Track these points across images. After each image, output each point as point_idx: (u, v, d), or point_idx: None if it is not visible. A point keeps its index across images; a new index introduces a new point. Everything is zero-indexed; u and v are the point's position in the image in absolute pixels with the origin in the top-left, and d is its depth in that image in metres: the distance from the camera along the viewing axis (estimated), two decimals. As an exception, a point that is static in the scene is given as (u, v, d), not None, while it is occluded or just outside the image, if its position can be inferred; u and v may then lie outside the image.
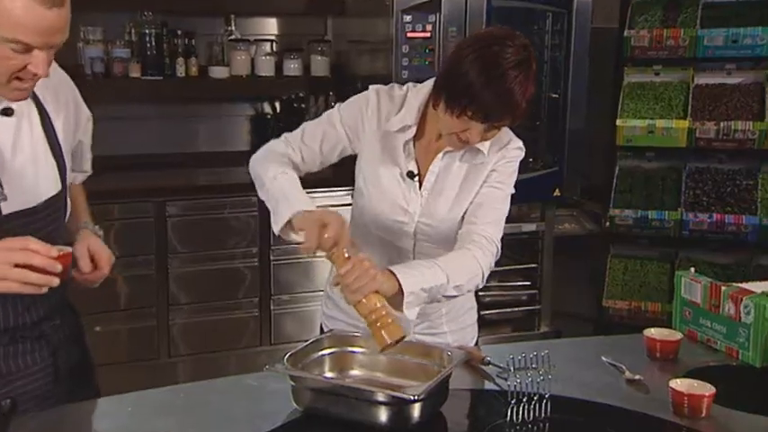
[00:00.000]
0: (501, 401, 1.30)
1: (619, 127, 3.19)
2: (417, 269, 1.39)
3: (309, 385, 1.25)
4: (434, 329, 1.62)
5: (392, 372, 1.35)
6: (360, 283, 1.29)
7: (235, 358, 3.06)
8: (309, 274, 3.14)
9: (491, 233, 1.48)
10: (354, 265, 1.31)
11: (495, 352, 1.50)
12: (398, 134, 1.51)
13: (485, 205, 1.49)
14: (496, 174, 1.51)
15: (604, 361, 1.51)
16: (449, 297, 1.42)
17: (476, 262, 1.43)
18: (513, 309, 3.24)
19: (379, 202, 1.52)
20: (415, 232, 1.53)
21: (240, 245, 3.02)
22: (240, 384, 1.39)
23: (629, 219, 3.20)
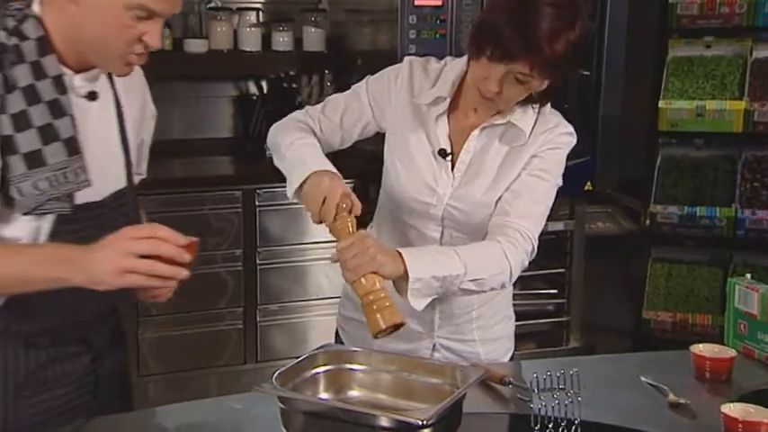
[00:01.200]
0: (523, 428, 1.31)
1: (662, 109, 3.19)
2: (430, 254, 1.41)
3: (302, 408, 1.25)
4: (462, 336, 1.63)
5: (397, 392, 1.36)
6: (357, 261, 1.32)
7: (215, 378, 3.07)
8: (302, 281, 3.15)
9: (526, 227, 1.48)
10: (355, 241, 1.33)
11: (517, 370, 1.52)
12: (431, 108, 1.54)
13: (523, 195, 1.50)
14: (539, 160, 1.52)
15: (644, 382, 1.51)
16: (467, 291, 1.43)
17: (503, 257, 1.44)
18: (537, 320, 3.25)
19: (407, 180, 1.55)
20: (442, 217, 1.54)
21: (221, 246, 3.04)
22: (222, 407, 1.40)
23: (673, 216, 3.19)
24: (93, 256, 1.14)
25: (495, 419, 1.41)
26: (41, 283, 1.17)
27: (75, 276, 1.14)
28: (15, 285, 1.18)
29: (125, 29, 1.20)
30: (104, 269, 1.12)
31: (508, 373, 1.48)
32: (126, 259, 1.12)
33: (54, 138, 1.22)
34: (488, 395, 1.45)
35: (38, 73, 1.22)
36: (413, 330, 1.61)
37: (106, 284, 1.13)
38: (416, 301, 1.38)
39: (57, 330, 1.31)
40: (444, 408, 1.20)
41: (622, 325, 3.41)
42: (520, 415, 1.38)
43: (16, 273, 1.16)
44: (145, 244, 1.13)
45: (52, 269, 1.15)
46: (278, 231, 3.11)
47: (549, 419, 1.28)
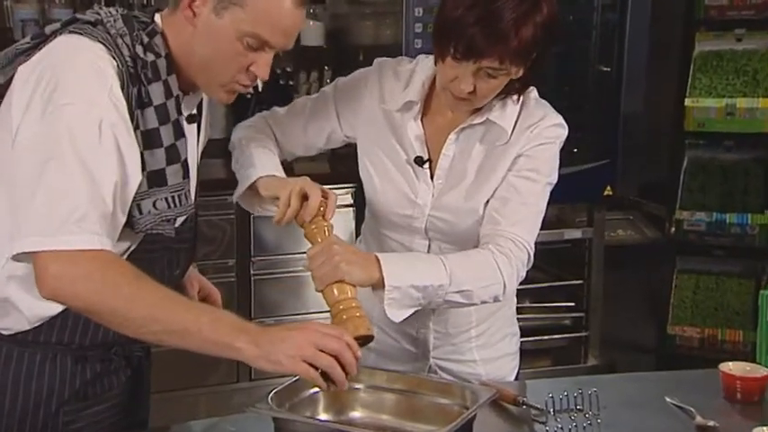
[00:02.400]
0: (539, 452, 1.31)
1: (688, 108, 3.19)
2: (411, 261, 1.42)
3: (299, 430, 1.26)
4: (460, 356, 1.63)
5: (402, 413, 1.36)
6: (324, 270, 1.33)
7: (205, 398, 3.07)
8: (300, 293, 3.15)
9: (519, 235, 1.47)
10: (322, 248, 1.35)
11: (531, 389, 1.51)
12: (403, 113, 1.53)
13: (512, 200, 1.49)
14: (526, 159, 1.50)
15: (669, 403, 1.51)
16: (454, 304, 1.43)
17: (495, 268, 1.43)
18: (552, 336, 3.24)
19: (384, 193, 1.55)
20: (426, 229, 1.54)
21: (213, 255, 3.04)
22: (214, 429, 1.41)
23: (700, 224, 3.19)
24: (277, 334, 1.20)
25: (508, 443, 1.41)
26: (205, 343, 1.18)
27: (247, 347, 1.17)
28: (174, 336, 1.19)
29: (236, 56, 1.26)
30: (286, 351, 1.18)
31: (521, 393, 1.48)
32: (310, 348, 1.18)
33: (176, 159, 1.29)
34: (500, 416, 1.45)
35: (168, 92, 1.28)
36: (406, 351, 1.61)
37: (280, 365, 1.18)
38: (394, 312, 1.38)
39: (107, 345, 1.35)
40: (453, 430, 1.21)
41: (645, 341, 3.40)
42: (534, 438, 1.38)
43: (181, 324, 1.18)
44: (334, 342, 1.20)
45: (224, 333, 1.18)
46: (274, 239, 3.11)
47: (565, 443, 1.27)
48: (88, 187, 1.17)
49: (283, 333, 1.20)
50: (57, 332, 1.30)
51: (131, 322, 1.18)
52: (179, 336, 1.18)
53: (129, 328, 1.18)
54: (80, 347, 1.32)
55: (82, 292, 1.16)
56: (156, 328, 1.18)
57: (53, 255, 1.15)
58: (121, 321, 1.18)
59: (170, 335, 1.18)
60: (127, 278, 1.18)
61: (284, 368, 1.18)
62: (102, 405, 1.37)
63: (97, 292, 1.16)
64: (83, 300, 1.17)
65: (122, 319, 1.17)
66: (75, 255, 1.16)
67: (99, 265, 1.17)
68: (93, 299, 1.17)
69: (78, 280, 1.16)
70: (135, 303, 1.17)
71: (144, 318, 1.17)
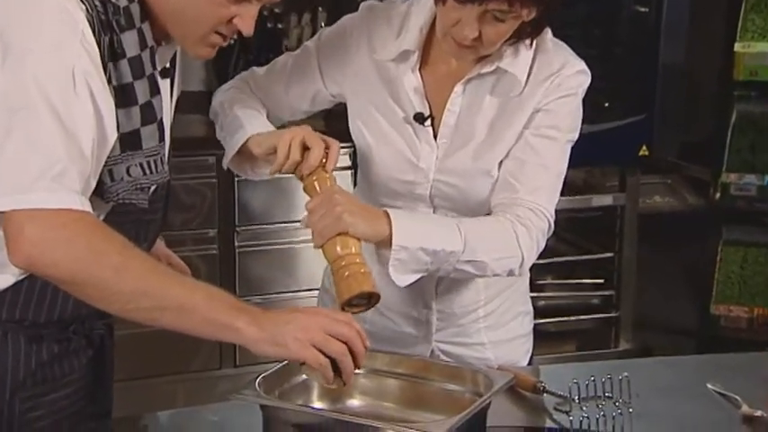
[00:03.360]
0: (561, 444, 1.32)
1: (737, 54, 3.17)
2: (424, 221, 1.43)
3: (291, 419, 1.26)
4: (466, 339, 1.64)
5: (407, 401, 1.37)
6: (324, 222, 1.35)
7: (184, 386, 3.10)
8: (290, 267, 3.17)
9: (539, 203, 1.48)
10: (322, 199, 1.36)
11: (553, 375, 1.52)
12: (398, 65, 1.53)
13: (529, 163, 1.50)
14: (545, 115, 1.50)
15: (711, 390, 1.52)
16: (464, 273, 1.44)
17: (513, 239, 1.45)
18: (579, 317, 3.26)
19: (382, 157, 1.55)
20: (431, 196, 1.54)
21: (191, 224, 3.05)
22: (194, 419, 1.42)
23: (750, 188, 3.19)
24: (281, 315, 1.21)
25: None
26: (201, 322, 1.19)
27: (248, 328, 1.17)
28: (167, 314, 1.18)
29: (216, 7, 1.25)
30: (293, 333, 1.18)
31: (542, 379, 1.49)
32: (319, 333, 1.19)
33: (151, 119, 1.28)
34: (517, 405, 1.46)
35: (142, 42, 1.26)
36: (405, 334, 1.62)
37: (285, 349, 1.18)
38: (399, 276, 1.40)
39: (65, 322, 1.35)
40: (464, 420, 1.21)
41: (685, 322, 3.42)
42: (557, 429, 1.39)
43: (175, 300, 1.18)
44: (345, 328, 1.21)
45: (222, 311, 1.18)
46: (261, 206, 3.12)
47: (592, 434, 1.29)
48: (65, 140, 1.16)
49: (288, 315, 1.21)
50: (7, 308, 1.30)
51: (119, 296, 1.17)
52: (172, 313, 1.18)
53: (116, 303, 1.18)
54: (34, 325, 1.32)
55: (63, 259, 1.15)
56: (147, 304, 1.17)
57: (28, 215, 1.14)
58: (107, 295, 1.17)
59: (162, 312, 1.18)
60: (115, 245, 1.17)
61: (290, 353, 1.18)
62: (62, 391, 1.37)
63: (81, 260, 1.15)
64: (64, 268, 1.16)
65: (109, 293, 1.17)
66: (55, 216, 1.14)
67: (83, 229, 1.16)
68: (77, 267, 1.15)
69: (59, 245, 1.15)
70: (124, 274, 1.16)
71: (133, 291, 1.17)
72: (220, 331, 1.18)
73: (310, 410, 1.32)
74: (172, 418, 1.46)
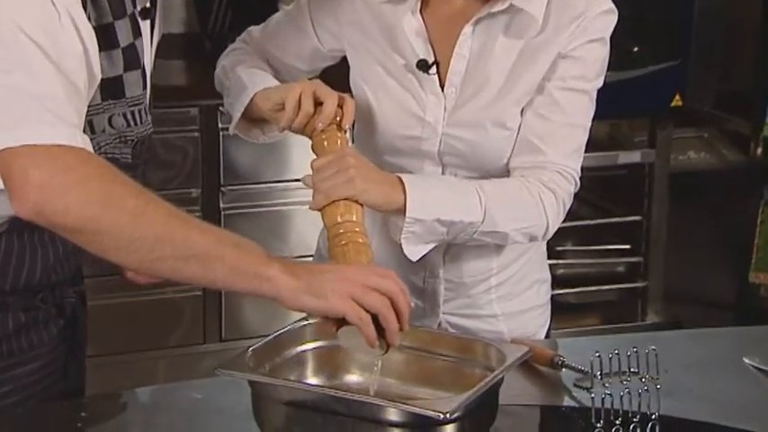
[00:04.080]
0: (580, 424, 1.34)
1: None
2: (441, 188, 1.44)
3: (283, 397, 1.27)
4: (477, 310, 1.65)
5: (411, 377, 1.38)
6: (332, 183, 1.36)
7: (165, 362, 3.12)
8: (281, 231, 3.18)
9: (566, 164, 1.50)
10: (333, 158, 1.37)
11: (573, 348, 1.53)
12: (395, 6, 1.52)
13: (554, 119, 1.50)
14: (572, 63, 1.50)
15: (748, 364, 1.53)
16: (481, 242, 1.45)
17: (539, 207, 1.46)
18: (602, 287, 3.27)
19: (383, 111, 1.55)
20: (440, 152, 1.54)
21: (171, 184, 3.05)
22: (176, 397, 1.43)
23: (794, 143, 3.18)
24: (317, 266, 1.24)
25: (543, 413, 1.44)
26: (230, 272, 1.18)
27: (281, 277, 1.18)
28: (192, 264, 1.17)
29: None
30: (332, 285, 1.19)
31: (560, 353, 1.50)
32: (360, 288, 1.20)
33: (135, 64, 1.27)
34: (533, 381, 1.47)
35: None
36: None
37: (324, 300, 1.19)
38: (411, 249, 1.41)
39: (33, 289, 1.36)
40: (474, 397, 1.22)
41: (721, 293, 3.43)
42: (576, 408, 1.40)
43: (200, 248, 1.17)
44: (389, 283, 1.21)
45: (251, 260, 1.19)
46: (250, 164, 3.12)
47: (616, 414, 1.30)
48: (56, 73, 1.15)
49: (324, 266, 1.23)
50: None
51: (138, 245, 1.15)
52: (198, 263, 1.17)
53: (134, 253, 1.16)
54: None
55: (76, 204, 1.13)
56: (169, 253, 1.16)
57: (28, 155, 1.12)
58: (124, 244, 1.15)
59: (185, 262, 1.17)
60: (129, 188, 1.16)
61: (328, 305, 1.19)
62: (30, 365, 1.39)
63: (95, 205, 1.14)
64: (75, 215, 1.14)
65: (126, 241, 1.15)
66: (60, 156, 1.13)
67: (93, 171, 1.15)
68: (90, 213, 1.14)
69: (70, 189, 1.13)
70: (143, 220, 1.15)
71: (154, 239, 1.15)
72: (251, 281, 1.19)
73: (305, 387, 1.33)
74: (152, 395, 1.48)
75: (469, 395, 1.22)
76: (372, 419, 1.23)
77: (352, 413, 1.23)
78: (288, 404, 1.27)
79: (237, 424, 1.32)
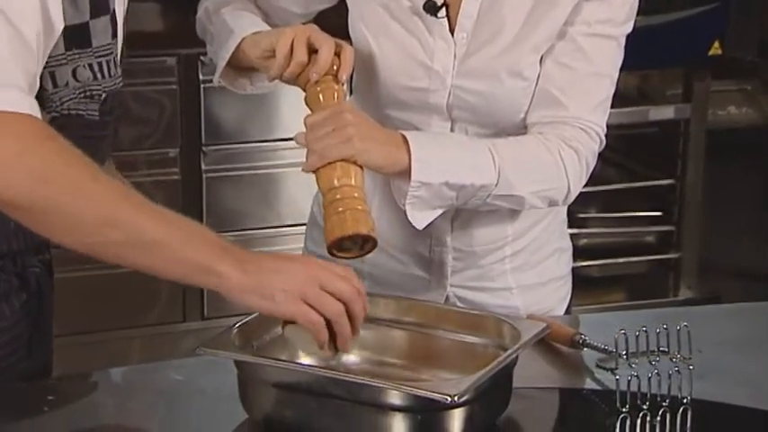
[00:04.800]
0: (603, 409, 1.34)
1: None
2: (450, 148, 1.44)
3: (272, 378, 1.28)
4: (489, 283, 1.66)
5: (415, 357, 1.39)
6: (328, 142, 1.36)
7: (141, 342, 3.15)
8: (269, 197, 3.18)
9: (591, 120, 1.50)
10: (330, 114, 1.37)
11: (596, 325, 1.54)
12: None
13: (578, 68, 1.51)
14: (596, 5, 1.50)
15: (792, 344, 1.54)
16: (496, 207, 1.46)
17: (559, 167, 1.47)
18: (630, 259, 3.28)
19: (386, 60, 1.55)
20: (449, 105, 1.55)
21: (146, 143, 3.06)
22: (153, 378, 1.44)
23: None
24: (269, 262, 1.23)
25: (562, 397, 1.45)
26: (176, 263, 1.20)
27: (232, 273, 1.19)
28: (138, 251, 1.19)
29: None
30: (282, 284, 1.21)
31: (582, 331, 1.51)
32: (314, 288, 1.21)
33: (103, 9, 1.27)
34: (551, 362, 1.48)
35: None
36: (414, 278, 1.64)
37: (272, 302, 1.21)
38: (416, 215, 1.42)
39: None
40: (484, 379, 1.23)
41: (762, 264, 3.44)
42: (599, 391, 1.41)
43: (149, 235, 1.18)
44: (344, 285, 1.23)
45: (202, 251, 1.20)
46: (233, 121, 3.12)
47: (643, 398, 1.30)
48: (4, 29, 1.15)
49: (277, 262, 1.24)
50: None
51: (83, 227, 1.17)
52: (144, 250, 1.19)
53: (78, 234, 1.18)
54: None
55: (19, 180, 1.14)
56: (116, 238, 1.18)
57: None
58: (70, 224, 1.17)
59: (132, 248, 1.19)
60: (80, 164, 1.17)
61: (276, 307, 1.21)
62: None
63: (42, 182, 1.15)
64: (19, 192, 1.15)
65: (72, 222, 1.17)
66: (3, 125, 1.13)
67: (40, 143, 1.16)
68: (36, 191, 1.15)
69: (13, 163, 1.14)
70: (92, 200, 1.17)
71: (104, 221, 1.17)
72: (197, 274, 1.20)
73: (297, 367, 1.33)
74: (126, 377, 1.48)
75: (480, 377, 1.22)
76: (372, 403, 1.23)
77: (349, 396, 1.24)
78: (278, 386, 1.28)
79: (222, 408, 1.33)
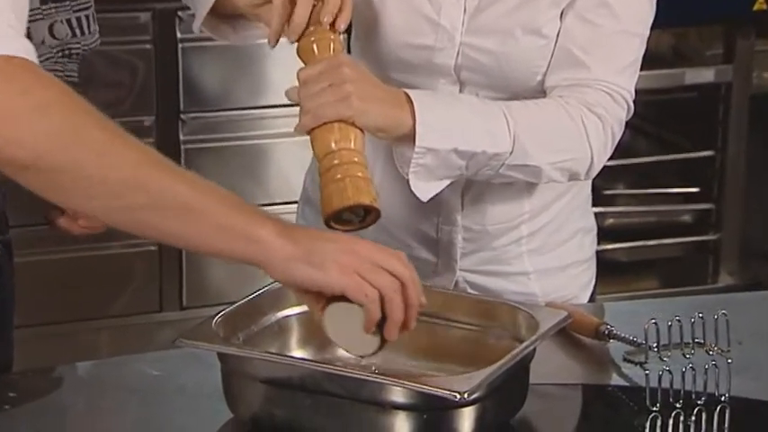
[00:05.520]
0: (631, 408, 1.35)
1: None
2: (458, 109, 1.45)
3: (260, 373, 1.29)
4: (504, 267, 1.67)
5: (421, 349, 1.39)
6: (323, 99, 1.35)
7: (112, 334, 3.16)
8: (256, 171, 3.19)
9: (617, 83, 1.51)
10: (325, 68, 1.36)
11: (623, 314, 1.55)
12: None
13: (605, 28, 1.51)
14: None
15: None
16: (510, 179, 1.47)
17: (581, 134, 1.48)
18: (663, 241, 3.28)
19: (389, 16, 1.56)
20: (457, 66, 1.55)
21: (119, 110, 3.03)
22: (126, 373, 1.44)
23: None
24: (317, 233, 1.26)
25: (585, 394, 1.45)
26: (212, 229, 1.20)
27: (275, 240, 1.20)
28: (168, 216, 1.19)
29: None
30: (333, 254, 1.21)
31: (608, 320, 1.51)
32: (369, 264, 1.23)
33: None
34: (573, 355, 1.49)
35: None
36: (419, 260, 1.64)
37: (322, 271, 1.21)
38: (421, 185, 1.43)
39: None
40: (497, 374, 1.23)
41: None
42: (627, 388, 1.42)
43: (180, 198, 1.18)
44: (400, 265, 1.24)
45: (240, 216, 1.21)
46: (215, 85, 3.13)
47: (676, 395, 1.31)
48: None
49: (329, 234, 1.26)
50: None
51: (103, 188, 1.15)
52: (176, 215, 1.18)
53: (98, 197, 1.16)
54: None
55: (29, 135, 1.11)
56: (141, 201, 1.17)
57: None
58: (87, 185, 1.15)
59: (160, 213, 1.18)
60: (95, 119, 1.15)
61: (328, 278, 1.20)
62: None
63: (55, 137, 1.13)
64: (29, 148, 1.12)
65: (89, 183, 1.15)
66: (9, 74, 1.11)
67: (53, 96, 1.14)
68: (48, 147, 1.13)
69: (24, 116, 1.12)
70: (111, 159, 1.15)
71: (124, 182, 1.15)
72: (237, 241, 1.20)
73: (289, 361, 1.34)
74: (96, 371, 1.50)
75: (492, 371, 1.23)
76: (373, 401, 1.24)
77: (347, 393, 1.24)
78: (267, 382, 1.29)
79: (204, 406, 1.34)
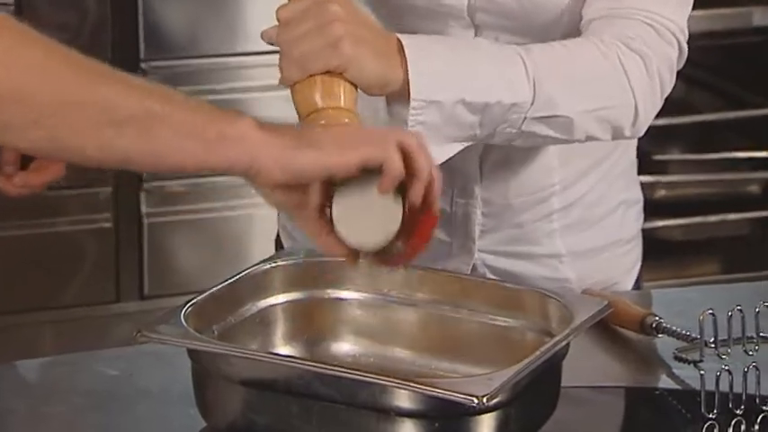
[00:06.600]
0: (683, 415, 1.37)
1: None
2: (461, 52, 1.46)
3: (239, 373, 1.30)
4: (531, 247, 1.69)
5: (432, 345, 1.41)
6: (309, 45, 1.35)
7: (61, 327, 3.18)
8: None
9: (665, 14, 1.50)
10: (311, 4, 1.36)
11: (674, 303, 1.56)
12: None
13: None
14: None
15: None
16: (536, 139, 1.47)
17: (620, 75, 1.47)
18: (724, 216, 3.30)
19: None
20: (471, 8, 1.56)
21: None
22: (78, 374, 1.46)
23: None
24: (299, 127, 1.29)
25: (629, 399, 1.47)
26: (181, 136, 1.21)
27: (260, 135, 1.21)
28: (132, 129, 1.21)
29: None
30: (327, 136, 1.25)
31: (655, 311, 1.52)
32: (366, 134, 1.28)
33: None
34: (615, 353, 1.51)
35: None
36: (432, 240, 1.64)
37: (321, 151, 1.22)
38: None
39: None
40: (522, 374, 1.24)
41: None
42: (677, 391, 1.43)
43: (141, 106, 1.20)
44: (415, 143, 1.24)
45: (212, 115, 1.22)
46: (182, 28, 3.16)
47: (737, 399, 1.32)
48: None
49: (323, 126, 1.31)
50: None
51: (52, 111, 1.19)
52: (137, 127, 1.20)
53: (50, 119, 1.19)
54: None
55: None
56: (94, 117, 1.19)
57: None
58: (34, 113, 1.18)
59: (120, 128, 1.20)
60: (38, 41, 1.19)
61: (332, 156, 1.22)
62: None
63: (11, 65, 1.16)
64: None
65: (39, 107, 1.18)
66: None
67: None
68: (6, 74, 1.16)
69: None
70: (55, 76, 1.18)
71: (76, 101, 1.19)
72: (213, 147, 1.21)
73: (273, 359, 1.34)
74: (42, 371, 1.50)
75: (517, 372, 1.24)
76: (374, 407, 1.25)
77: (343, 398, 1.25)
78: (247, 384, 1.30)
79: (172, 412, 1.36)
